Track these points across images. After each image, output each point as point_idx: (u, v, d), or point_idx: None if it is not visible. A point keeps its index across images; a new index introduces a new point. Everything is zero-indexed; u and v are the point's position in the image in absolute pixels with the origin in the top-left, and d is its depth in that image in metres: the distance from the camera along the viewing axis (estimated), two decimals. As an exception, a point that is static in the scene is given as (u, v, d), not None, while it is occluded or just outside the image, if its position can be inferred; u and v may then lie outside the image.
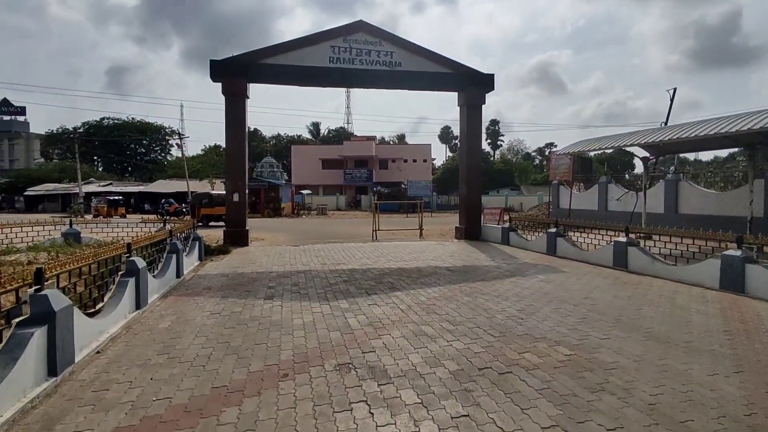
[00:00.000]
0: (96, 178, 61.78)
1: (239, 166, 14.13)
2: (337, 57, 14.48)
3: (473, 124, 15.55)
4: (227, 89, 13.84)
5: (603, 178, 18.04)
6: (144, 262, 6.30)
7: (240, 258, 11.22)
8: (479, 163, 15.85)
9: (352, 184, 53.92)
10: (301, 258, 11.14)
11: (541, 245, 12.14)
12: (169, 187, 46.69)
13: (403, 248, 13.07)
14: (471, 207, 15.55)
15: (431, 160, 61.50)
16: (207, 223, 25.23)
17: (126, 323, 5.43)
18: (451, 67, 15.25)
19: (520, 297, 6.84)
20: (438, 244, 14.12)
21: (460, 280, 8.26)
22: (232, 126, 13.96)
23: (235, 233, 13.85)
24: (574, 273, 9.05)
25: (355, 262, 10.49)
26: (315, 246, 13.70)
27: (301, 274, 8.83)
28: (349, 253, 11.96)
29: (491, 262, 10.60)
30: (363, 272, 9.07)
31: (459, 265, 10.00)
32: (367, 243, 14.50)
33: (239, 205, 14.10)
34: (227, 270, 9.40)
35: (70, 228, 11.83)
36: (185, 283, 8.06)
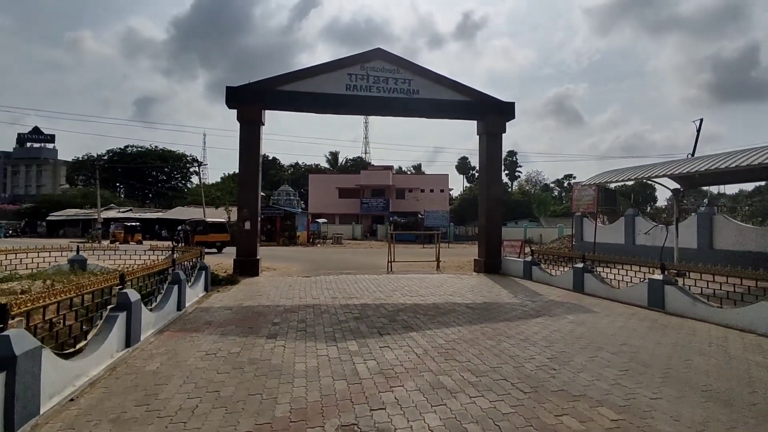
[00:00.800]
0: (117, 204, 62.83)
1: (252, 193, 13.81)
2: (354, 84, 14.27)
3: (493, 153, 15.05)
4: (242, 116, 13.67)
5: (630, 210, 17.23)
6: (138, 295, 5.82)
7: (248, 290, 10.71)
8: (499, 193, 15.27)
9: (369, 213, 53.63)
10: (312, 291, 10.58)
11: (566, 281, 11.37)
12: (187, 214, 46.98)
13: (420, 282, 12.41)
14: (491, 239, 14.87)
15: (448, 190, 61.01)
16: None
17: (111, 364, 4.91)
18: (470, 95, 14.90)
19: (549, 342, 6.13)
20: (456, 278, 13.42)
21: (482, 319, 7.57)
22: (246, 152, 13.72)
23: (245, 263, 13.40)
24: (606, 313, 8.27)
25: (368, 296, 9.88)
26: (327, 278, 13.14)
27: (309, 309, 8.25)
28: (362, 286, 11.36)
29: (514, 298, 9.87)
30: (376, 308, 8.44)
31: (479, 302, 9.30)
32: (381, 275, 13.89)
33: (251, 233, 13.70)
34: (232, 303, 8.87)
35: (76, 255, 11.53)
36: (186, 316, 7.54)
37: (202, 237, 26.87)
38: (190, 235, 27.12)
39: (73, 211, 53.93)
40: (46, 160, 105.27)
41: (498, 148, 15.12)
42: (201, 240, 26.32)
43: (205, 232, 27.48)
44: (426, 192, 56.54)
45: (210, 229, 27.94)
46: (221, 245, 26.91)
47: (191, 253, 9.74)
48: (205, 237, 26.90)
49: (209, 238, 26.85)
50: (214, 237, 27.27)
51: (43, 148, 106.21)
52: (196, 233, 27.26)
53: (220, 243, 27.02)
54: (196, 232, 27.37)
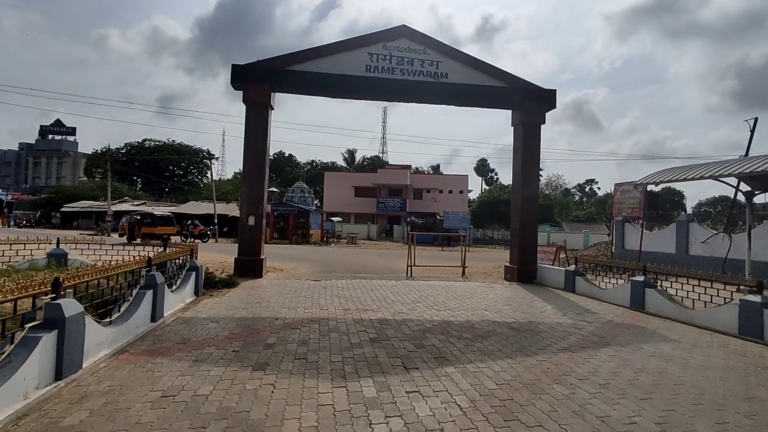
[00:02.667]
0: (133, 197, 62.41)
1: (257, 185, 12.30)
2: (375, 65, 12.67)
3: (530, 146, 13.29)
4: (249, 97, 12.17)
5: (683, 215, 15.28)
6: (80, 307, 4.29)
7: (246, 295, 9.17)
8: (536, 193, 13.49)
9: (385, 213, 52.01)
10: (320, 299, 8.99)
11: (621, 296, 9.58)
12: (199, 208, 45.97)
13: (445, 291, 10.74)
14: (525, 244, 13.10)
15: (467, 191, 59.06)
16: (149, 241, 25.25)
17: (22, 409, 3.38)
18: (505, 81, 13.16)
19: (641, 390, 4.41)
20: (486, 287, 11.71)
21: (533, 347, 5.87)
22: (252, 138, 12.22)
23: (247, 262, 11.88)
24: (691, 343, 6.50)
25: (387, 308, 8.24)
26: (339, 282, 11.55)
27: (315, 325, 6.65)
28: (379, 295, 9.73)
29: (563, 317, 8.13)
30: (397, 326, 6.81)
31: (523, 321, 7.58)
32: (400, 281, 12.25)
33: (254, 230, 12.17)
34: (222, 312, 7.32)
35: (56, 248, 10.15)
36: (160, 330, 6.01)
37: (149, 229, 27.28)
38: (136, 227, 27.40)
39: (87, 203, 53.48)
40: (66, 153, 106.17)
41: (536, 141, 13.35)
42: (148, 232, 26.86)
43: (153, 224, 27.86)
44: (444, 193, 54.74)
45: (158, 221, 28.44)
46: (168, 238, 27.16)
47: (176, 251, 8.23)
48: (152, 229, 27.33)
49: (156, 230, 27.23)
50: (161, 230, 27.65)
51: (64, 141, 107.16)
52: (143, 225, 27.54)
53: (167, 235, 27.24)
54: (144, 224, 27.61)
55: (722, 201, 73.44)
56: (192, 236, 30.16)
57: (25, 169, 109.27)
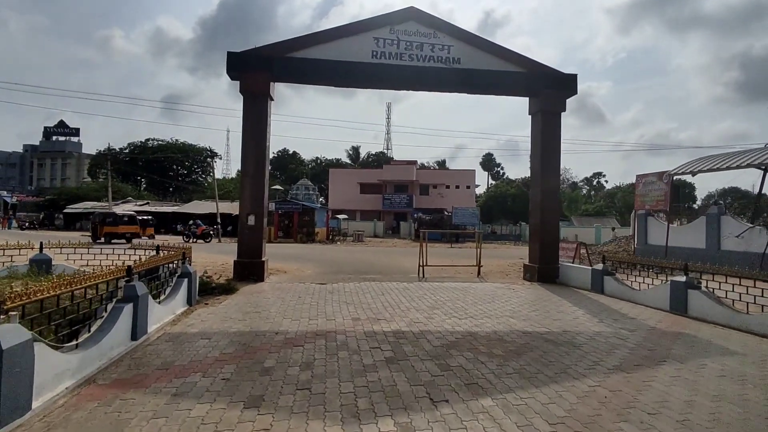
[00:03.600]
0: (136, 197, 61.90)
1: (257, 182, 11.44)
2: (382, 51, 11.75)
3: (549, 136, 12.33)
4: (246, 86, 11.29)
5: (714, 208, 14.27)
6: (26, 333, 3.44)
7: (244, 303, 8.32)
8: (557, 186, 12.54)
9: (391, 209, 51.11)
10: (327, 306, 8.12)
11: (658, 298, 8.65)
12: (203, 208, 45.39)
13: (463, 294, 9.85)
14: (547, 241, 12.16)
15: (474, 186, 58.01)
16: (110, 240, 25.48)
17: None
18: (523, 65, 12.20)
19: (729, 427, 3.51)
20: (506, 288, 10.81)
21: (580, 366, 4.97)
22: (251, 132, 11.35)
23: (247, 265, 11.03)
24: (757, 356, 5.58)
25: (401, 316, 7.36)
26: (347, 285, 10.68)
27: (320, 340, 5.78)
28: (392, 300, 8.86)
29: (599, 324, 7.22)
30: (415, 340, 5.92)
31: (556, 330, 6.68)
32: (412, 283, 11.37)
33: (255, 230, 11.32)
34: (216, 326, 6.47)
35: (39, 254, 9.34)
36: (139, 352, 5.16)
37: (111, 228, 27.47)
38: (99, 227, 27.51)
39: (90, 204, 52.90)
40: (70, 154, 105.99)
41: (556, 131, 12.39)
42: (110, 231, 27.13)
43: (115, 223, 28.06)
44: (451, 188, 53.75)
45: (119, 221, 28.54)
46: (131, 236, 27.49)
47: (164, 256, 7.37)
48: (114, 228, 27.57)
49: (118, 229, 27.59)
50: (123, 229, 27.96)
51: (68, 142, 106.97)
52: (105, 225, 27.62)
53: (130, 234, 27.82)
54: (106, 224, 27.69)
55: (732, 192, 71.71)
56: (194, 236, 29.42)
57: (30, 171, 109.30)
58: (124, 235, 27.43)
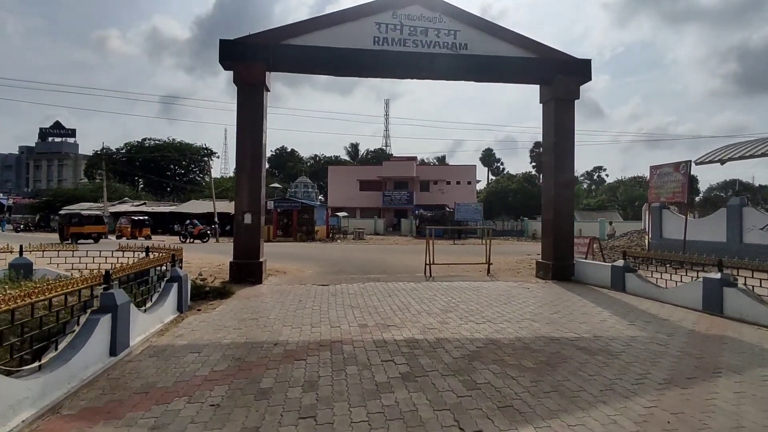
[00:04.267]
0: (134, 198, 61.20)
1: (254, 178, 10.75)
2: (384, 37, 11.05)
3: (563, 126, 11.66)
4: (240, 77, 10.59)
5: (735, 199, 13.61)
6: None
7: (241, 308, 7.65)
8: (572, 178, 11.86)
9: (391, 206, 50.43)
10: (330, 310, 7.46)
11: (689, 297, 7.99)
12: (200, 207, 44.66)
13: (476, 294, 9.19)
14: (561, 237, 11.50)
15: (475, 182, 57.32)
16: (76, 240, 25.06)
17: None
18: (535, 51, 11.52)
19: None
20: (520, 287, 10.15)
21: (626, 380, 4.31)
22: (246, 125, 10.66)
23: (244, 267, 10.36)
24: (821, 365, 4.93)
25: (413, 322, 6.70)
26: (351, 286, 10.02)
27: (325, 352, 5.11)
28: (400, 302, 8.19)
29: (631, 327, 6.56)
30: (431, 350, 5.26)
31: (587, 335, 6.02)
32: (420, 283, 10.70)
33: (252, 229, 10.63)
34: (209, 335, 5.80)
35: (19, 257, 8.66)
36: (117, 370, 4.49)
37: (77, 228, 27.37)
38: (65, 227, 27.63)
39: (87, 205, 52.17)
40: (67, 155, 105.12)
41: (569, 119, 11.71)
42: (76, 232, 26.96)
43: (81, 223, 27.96)
44: (452, 184, 53.07)
45: (85, 220, 28.48)
46: (98, 236, 27.73)
47: (150, 260, 6.67)
48: (80, 229, 27.49)
49: (84, 229, 27.52)
50: (89, 229, 27.88)
51: (64, 143, 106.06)
52: (71, 225, 27.63)
53: (96, 234, 27.87)
54: (71, 224, 27.68)
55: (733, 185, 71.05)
56: (191, 236, 28.74)
57: (26, 173, 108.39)
58: (90, 235, 27.49)
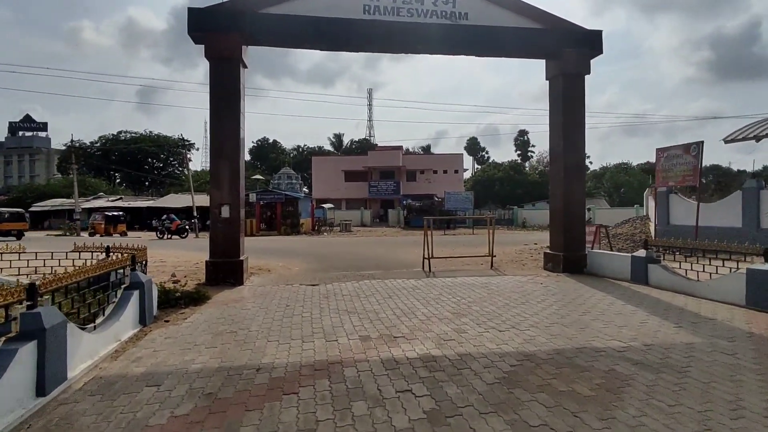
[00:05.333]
0: (110, 192, 58.90)
1: (231, 166, 9.49)
2: (376, 5, 9.85)
3: (572, 103, 10.64)
4: (213, 50, 9.29)
5: (752, 182, 12.83)
6: None
7: (217, 318, 6.47)
8: (582, 160, 10.86)
9: (378, 197, 49.32)
10: (323, 317, 6.34)
11: (729, 291, 7.08)
12: (179, 201, 42.86)
13: (486, 292, 8.16)
14: (572, 225, 10.54)
15: (463, 170, 56.45)
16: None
17: None
18: (541, 21, 10.44)
19: None
20: (532, 282, 9.16)
21: (719, 410, 3.29)
22: (221, 106, 9.37)
23: (222, 266, 9.14)
24: None
25: (423, 330, 5.62)
26: (344, 286, 8.90)
27: (322, 380, 4.00)
28: (403, 305, 7.11)
29: (680, 330, 5.60)
30: (456, 371, 4.19)
31: (636, 346, 5.01)
32: (420, 279, 9.64)
33: (230, 224, 9.41)
34: (174, 358, 4.63)
35: (-48, 262, 7.36)
36: (40, 419, 3.31)
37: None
38: None
39: (59, 201, 49.97)
40: (38, 149, 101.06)
41: (579, 96, 10.70)
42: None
43: None
44: (439, 173, 52.14)
45: (2, 218, 28.26)
46: (18, 233, 27.45)
47: (99, 265, 5.41)
48: None
49: (3, 226, 27.37)
50: (8, 225, 27.77)
51: (36, 137, 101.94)
52: None
53: (17, 231, 27.62)
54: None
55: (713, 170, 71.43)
56: (169, 232, 27.23)
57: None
58: (9, 232, 27.32)
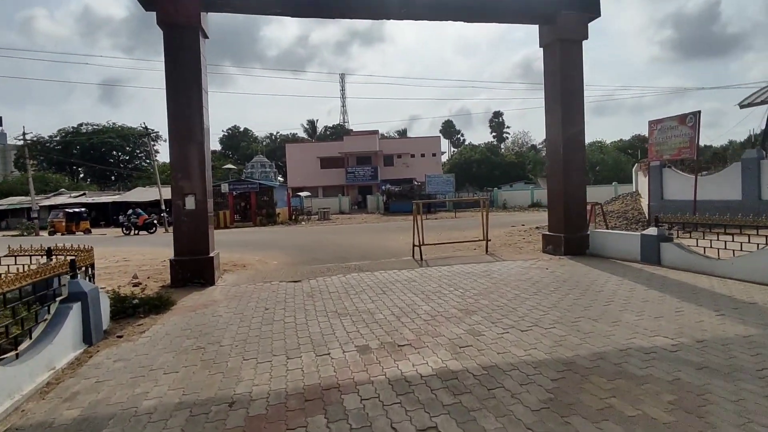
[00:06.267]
0: (73, 188, 56.02)
1: (193, 151, 8.31)
2: (353, -36, 8.73)
3: (571, 70, 9.80)
4: (166, 16, 7.99)
5: (752, 152, 12.32)
6: None
7: (182, 328, 5.42)
8: (581, 132, 10.03)
9: (355, 183, 48.20)
10: (310, 322, 5.36)
11: (758, 269, 6.42)
12: (147, 195, 40.85)
13: (489, 281, 7.31)
14: (573, 204, 9.77)
15: (441, 153, 55.71)
16: None
17: None
18: (534, -20, 9.51)
19: None
20: (535, 267, 8.36)
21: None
22: (178, 81, 8.14)
23: (188, 265, 8.01)
24: None
25: (431, 335, 4.71)
26: (330, 281, 7.92)
27: (316, 417, 3.04)
28: (401, 301, 6.19)
29: (722, 318, 4.86)
30: (486, 393, 3.30)
31: (685, 341, 4.22)
32: (414, 270, 8.72)
33: (197, 217, 8.25)
34: (121, 393, 3.59)
35: None
36: None
37: None
38: None
39: (17, 199, 47.16)
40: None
41: (578, 63, 9.87)
42: None
43: None
44: (416, 157, 51.32)
45: None
46: None
47: (19, 277, 4.26)
48: None
49: None
50: None
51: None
52: None
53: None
54: None
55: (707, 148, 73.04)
56: (135, 228, 25.59)
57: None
58: None
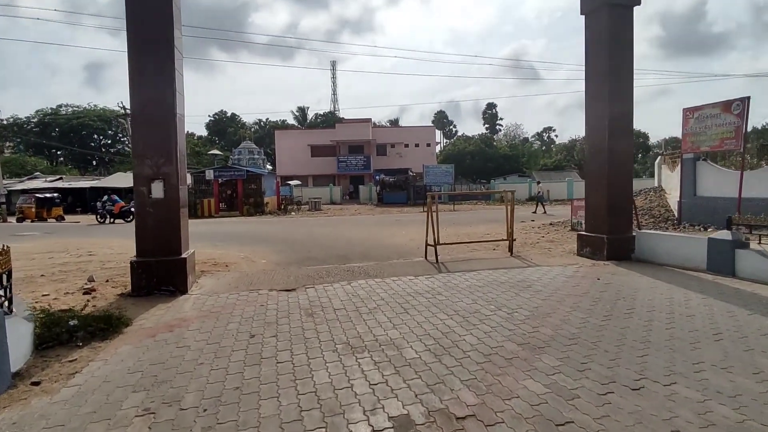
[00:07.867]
0: (50, 172, 53.37)
1: (161, 125, 6.61)
2: None
3: (620, 40, 8.24)
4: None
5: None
6: None
7: (131, 367, 3.80)
8: (630, 112, 8.49)
9: (347, 172, 46.43)
10: (314, 363, 3.79)
11: None
12: (127, 180, 38.56)
13: (534, 294, 5.80)
14: (618, 201, 8.28)
15: (435, 143, 54.10)
16: None
17: None
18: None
19: None
20: (580, 276, 6.88)
21: None
22: (144, 39, 6.45)
23: (155, 268, 6.34)
24: None
25: (499, 394, 3.17)
26: (332, 290, 6.33)
27: None
28: (434, 327, 4.64)
29: None
30: None
31: None
32: (433, 277, 7.17)
33: (166, 207, 6.56)
34: None
35: None
36: None
37: None
38: None
39: (-11, 183, 44.45)
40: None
41: (628, 32, 8.32)
42: None
43: None
44: (410, 147, 49.62)
45: None
46: None
47: None
48: None
49: None
50: None
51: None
52: None
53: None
54: None
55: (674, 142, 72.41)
56: (111, 216, 23.65)
57: None
58: None
